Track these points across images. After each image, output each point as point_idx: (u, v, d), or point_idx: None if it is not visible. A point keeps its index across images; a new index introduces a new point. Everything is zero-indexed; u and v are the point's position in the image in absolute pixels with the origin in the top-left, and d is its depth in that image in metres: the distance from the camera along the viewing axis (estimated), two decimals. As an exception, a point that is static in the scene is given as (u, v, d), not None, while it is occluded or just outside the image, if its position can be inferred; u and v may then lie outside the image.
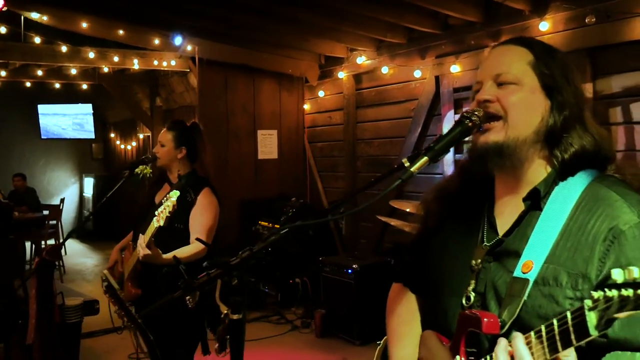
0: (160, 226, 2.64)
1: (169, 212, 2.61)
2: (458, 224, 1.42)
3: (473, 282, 1.29)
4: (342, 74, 6.36)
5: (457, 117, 1.37)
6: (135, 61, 7.68)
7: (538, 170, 1.28)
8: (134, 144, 11.47)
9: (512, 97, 1.27)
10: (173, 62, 7.63)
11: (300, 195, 6.77)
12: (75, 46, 6.98)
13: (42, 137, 11.64)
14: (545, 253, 1.17)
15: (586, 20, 4.11)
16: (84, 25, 5.61)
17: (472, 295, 1.29)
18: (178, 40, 5.81)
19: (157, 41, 6.19)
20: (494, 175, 1.36)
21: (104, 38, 6.13)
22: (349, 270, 5.22)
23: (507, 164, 1.28)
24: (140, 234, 2.75)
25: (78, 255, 10.24)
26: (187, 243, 2.96)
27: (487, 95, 1.29)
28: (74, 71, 8.24)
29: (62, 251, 9.77)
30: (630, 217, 1.11)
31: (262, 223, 6.45)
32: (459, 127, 1.30)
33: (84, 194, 12.51)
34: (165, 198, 2.70)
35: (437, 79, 5.35)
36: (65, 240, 3.13)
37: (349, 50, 6.25)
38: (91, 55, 7.19)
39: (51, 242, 8.91)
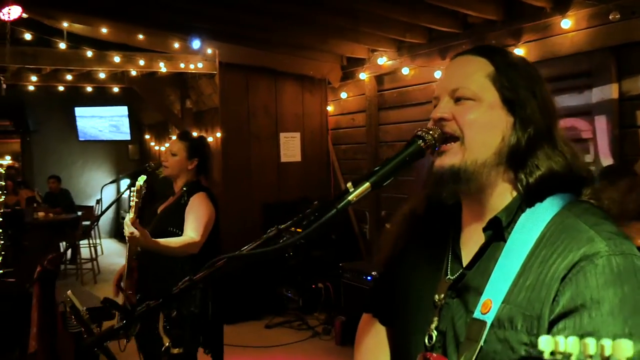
0: (137, 202, 2.82)
1: (138, 188, 2.83)
2: (424, 252, 1.29)
3: (436, 319, 1.17)
4: (363, 75, 6.25)
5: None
6: (162, 64, 7.75)
7: (503, 196, 1.15)
8: (167, 145, 11.59)
9: (469, 115, 1.13)
10: (200, 65, 7.66)
11: (323, 199, 6.69)
12: (101, 50, 7.07)
13: (80, 139, 11.92)
14: (504, 291, 1.04)
15: (610, 17, 3.89)
16: (104, 30, 5.67)
17: (434, 334, 1.17)
18: (196, 44, 5.80)
19: (176, 45, 6.21)
20: (461, 199, 1.24)
21: (124, 43, 6.17)
22: (369, 277, 5.12)
23: (466, 189, 1.17)
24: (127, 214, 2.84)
25: (114, 255, 10.42)
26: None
27: (442, 113, 1.17)
28: (102, 75, 8.36)
29: (99, 251, 9.99)
30: (597, 250, 0.97)
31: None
32: (410, 148, 1.18)
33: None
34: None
35: (457, 79, 5.17)
36: (66, 249, 3.14)
37: (370, 51, 6.14)
38: (117, 59, 7.27)
39: (84, 242, 9.11)
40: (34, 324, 3.03)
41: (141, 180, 2.91)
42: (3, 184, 5.11)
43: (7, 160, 14.93)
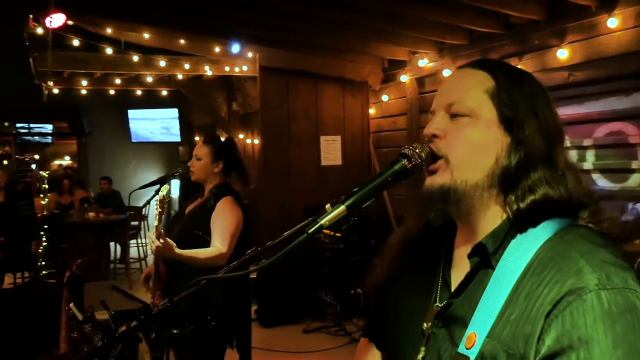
0: (160, 212, 2.80)
1: (161, 198, 2.81)
2: (415, 276, 1.22)
3: (423, 349, 1.10)
4: (404, 78, 6.14)
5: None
6: (207, 67, 7.87)
7: (494, 220, 1.06)
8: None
9: (461, 134, 1.06)
10: (245, 68, 7.74)
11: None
12: (147, 55, 7.23)
13: (132, 140, 12.22)
14: (489, 325, 0.96)
15: (660, 16, 3.68)
16: (146, 36, 5.77)
17: None
18: (235, 48, 5.84)
19: (217, 49, 6.27)
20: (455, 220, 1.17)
21: (165, 48, 6.28)
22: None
23: (456, 211, 1.09)
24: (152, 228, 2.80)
25: (162, 255, 10.62)
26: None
27: (434, 130, 1.10)
28: (149, 79, 8.54)
29: (148, 250, 10.22)
30: (586, 283, 0.87)
31: (325, 231, 6.34)
32: (394, 167, 1.12)
33: (171, 195, 12.99)
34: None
35: (500, 82, 5.00)
36: (78, 257, 3.19)
37: (411, 53, 6.03)
38: (162, 63, 7.42)
39: (133, 242, 9.33)
40: (63, 327, 3.09)
41: (164, 190, 2.90)
42: (47, 187, 5.27)
43: (67, 160, 15.54)
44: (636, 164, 3.97)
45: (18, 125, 14.29)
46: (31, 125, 13.88)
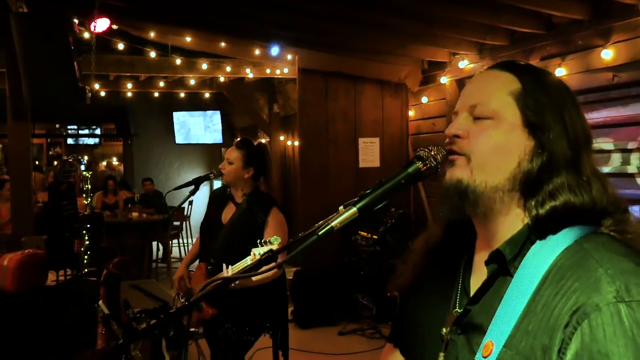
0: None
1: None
2: (437, 282, 1.21)
3: (442, 354, 1.09)
4: (444, 79, 6.06)
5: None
6: (248, 70, 7.96)
7: (514, 225, 1.04)
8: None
9: (484, 135, 1.04)
10: (286, 70, 7.80)
11: (402, 205, 6.57)
12: (189, 58, 7.36)
13: (176, 142, 12.44)
14: (506, 334, 0.94)
15: None
16: (188, 39, 5.88)
17: None
18: (275, 50, 5.89)
19: (257, 52, 6.33)
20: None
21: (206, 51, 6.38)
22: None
23: (473, 212, 1.07)
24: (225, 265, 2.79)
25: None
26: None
27: (456, 130, 1.08)
28: (192, 81, 8.70)
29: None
30: (604, 295, 0.85)
31: (362, 233, 6.34)
32: (407, 169, 1.11)
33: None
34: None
35: (541, 83, 4.89)
36: (107, 257, 3.27)
37: (451, 54, 5.95)
38: (204, 66, 7.54)
39: (174, 242, 9.50)
40: (100, 330, 3.17)
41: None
42: (89, 187, 5.42)
43: (114, 161, 15.95)
44: (684, 167, 3.82)
45: (69, 127, 14.77)
46: (80, 127, 14.31)
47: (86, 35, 5.59)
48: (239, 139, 3.46)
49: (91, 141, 15.55)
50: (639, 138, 4.17)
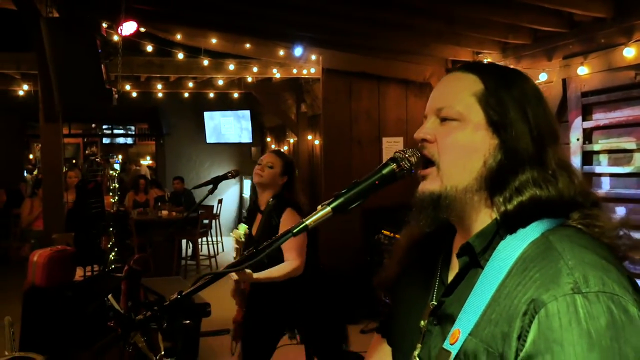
0: (237, 249, 3.14)
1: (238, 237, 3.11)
2: (417, 276, 1.27)
3: (419, 345, 1.14)
4: (468, 78, 6.04)
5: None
6: (275, 70, 8.05)
7: (485, 221, 1.08)
8: (285, 148, 12.00)
9: (450, 138, 1.08)
10: (313, 70, 7.87)
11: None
12: (216, 59, 7.49)
13: (207, 141, 12.64)
14: (472, 322, 0.99)
15: None
16: (214, 41, 5.99)
17: None
18: (298, 51, 5.95)
19: (281, 52, 6.41)
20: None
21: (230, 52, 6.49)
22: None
23: (447, 216, 1.11)
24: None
25: (234, 253, 10.93)
26: (281, 261, 3.19)
27: (424, 134, 1.13)
28: (220, 82, 8.84)
29: (220, 248, 10.55)
30: (562, 286, 0.88)
31: (385, 232, 6.35)
32: (382, 171, 1.17)
33: (243, 195, 13.35)
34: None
35: (564, 82, 4.85)
36: (122, 252, 3.38)
37: (475, 53, 5.92)
38: (231, 67, 7.66)
39: (203, 240, 9.65)
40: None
41: (242, 229, 3.25)
42: (117, 185, 5.57)
43: (148, 160, 16.27)
44: None
45: (104, 127, 15.13)
46: (115, 127, 14.64)
47: (115, 38, 5.75)
48: (276, 149, 3.67)
49: (126, 140, 15.91)
50: (661, 137, 4.10)
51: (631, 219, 4.23)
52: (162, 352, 1.37)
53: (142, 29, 5.66)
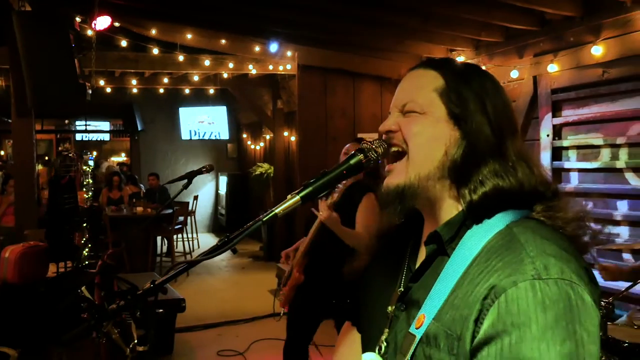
0: (334, 201, 3.14)
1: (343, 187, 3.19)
2: (386, 265, 1.30)
3: (386, 330, 1.17)
4: (441, 75, 6.11)
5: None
6: (250, 66, 8.05)
7: (450, 211, 1.12)
8: (261, 144, 11.99)
9: (414, 127, 1.12)
10: (289, 66, 7.88)
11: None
12: (192, 55, 7.46)
13: (183, 138, 12.57)
14: (437, 308, 1.02)
15: (695, 11, 3.57)
16: (189, 36, 5.97)
17: (383, 345, 1.18)
18: (274, 47, 5.96)
19: (257, 48, 6.41)
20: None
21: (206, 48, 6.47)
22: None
23: (412, 206, 1.15)
24: (322, 200, 3.20)
25: (209, 249, 10.88)
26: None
27: (389, 126, 1.17)
28: (196, 78, 8.79)
29: (195, 244, 10.51)
30: (522, 274, 0.92)
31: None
32: (350, 161, 1.19)
33: (219, 191, 13.32)
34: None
35: (534, 79, 4.94)
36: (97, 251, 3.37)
37: (448, 50, 6.00)
38: (207, 62, 7.63)
39: (179, 236, 9.62)
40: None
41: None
42: (90, 181, 5.52)
43: (122, 157, 16.11)
44: (669, 163, 3.86)
45: (77, 123, 14.91)
46: (88, 123, 14.46)
47: (89, 32, 5.69)
48: (358, 137, 3.72)
49: (100, 137, 15.72)
50: (627, 133, 4.21)
51: (594, 212, 4.34)
52: (136, 341, 1.39)
53: (117, 24, 5.62)
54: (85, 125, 14.45)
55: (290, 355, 3.57)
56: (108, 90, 9.56)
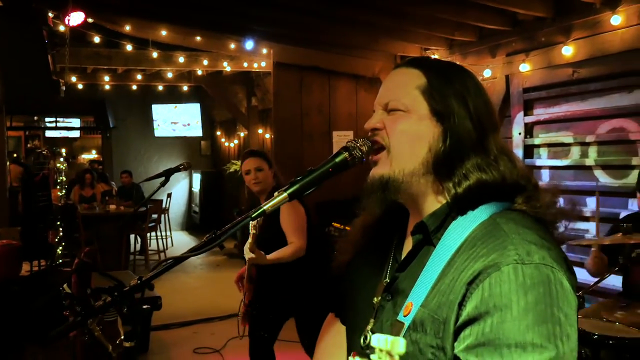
0: (255, 233, 2.99)
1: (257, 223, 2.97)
2: (371, 257, 1.33)
3: (372, 320, 1.21)
4: (416, 74, 6.18)
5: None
6: (225, 63, 8.02)
7: (434, 204, 1.16)
8: (235, 141, 11.95)
9: (398, 125, 1.16)
10: (263, 64, 7.87)
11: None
12: (166, 51, 7.41)
13: (156, 135, 12.45)
14: (424, 295, 1.06)
15: (661, 13, 3.68)
16: (164, 33, 5.93)
17: (369, 334, 1.21)
18: (249, 44, 5.96)
19: (232, 46, 6.40)
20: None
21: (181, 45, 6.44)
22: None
23: (396, 198, 1.19)
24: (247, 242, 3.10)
25: (183, 247, 10.81)
26: (286, 244, 3.30)
27: (374, 124, 1.20)
28: (170, 74, 8.73)
29: (169, 242, 10.44)
30: (506, 259, 0.97)
31: (335, 225, 6.44)
32: (335, 159, 1.22)
33: (192, 189, 13.24)
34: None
35: (507, 78, 5.05)
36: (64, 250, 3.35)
37: (423, 49, 6.07)
38: (181, 59, 7.59)
39: (152, 234, 9.54)
40: (66, 312, 3.24)
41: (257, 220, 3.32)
42: (64, 179, 5.46)
43: (93, 154, 15.89)
44: (636, 160, 3.98)
45: (47, 120, 14.67)
46: (58, 120, 14.23)
47: (61, 28, 5.62)
48: (247, 150, 3.70)
49: (70, 134, 15.47)
50: (596, 132, 4.32)
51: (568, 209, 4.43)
52: (122, 337, 1.40)
53: (90, 20, 5.55)
54: (56, 122, 14.21)
55: (256, 358, 3.57)
56: (80, 86, 9.43)
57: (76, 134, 15.62)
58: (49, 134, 15.26)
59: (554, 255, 0.99)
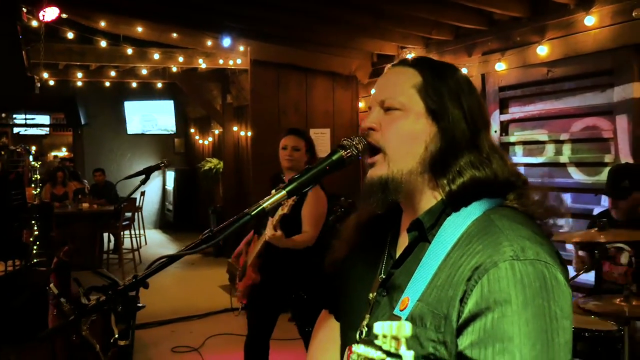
0: (284, 214, 3.04)
1: (293, 202, 3.01)
2: (365, 254, 1.35)
3: (367, 316, 1.23)
4: (392, 72, 6.23)
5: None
6: (200, 60, 7.97)
7: (429, 202, 1.19)
8: (210, 139, 11.88)
9: (395, 126, 1.18)
10: (239, 61, 7.84)
11: (351, 195, 6.72)
12: (141, 48, 7.32)
13: (128, 132, 12.29)
14: (420, 290, 1.09)
15: (633, 14, 3.78)
16: (140, 29, 5.87)
17: (365, 330, 1.23)
18: (227, 42, 5.93)
19: (209, 43, 6.36)
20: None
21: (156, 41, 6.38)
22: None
23: (395, 198, 1.20)
24: (270, 217, 3.13)
25: (157, 246, 10.74)
26: (298, 229, 3.35)
27: (370, 123, 1.22)
28: (144, 71, 8.64)
29: (142, 241, 10.32)
30: (502, 255, 1.00)
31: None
32: (332, 157, 1.24)
33: (166, 187, 13.11)
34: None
35: (483, 77, 5.12)
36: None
37: (399, 48, 6.12)
38: (156, 56, 7.52)
39: (126, 232, 9.43)
40: (51, 311, 3.21)
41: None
42: (38, 177, 5.37)
43: (63, 152, 15.63)
44: (609, 157, 4.08)
45: (15, 116, 14.37)
46: (28, 117, 13.95)
47: (35, 23, 5.51)
48: (293, 128, 3.70)
49: (39, 131, 15.20)
50: (570, 130, 4.42)
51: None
52: (116, 335, 1.39)
53: (64, 15, 5.46)
54: (25, 119, 13.93)
55: (252, 350, 3.58)
56: (51, 83, 9.26)
57: (45, 131, 15.36)
58: (16, 130, 14.97)
59: (547, 250, 1.03)
